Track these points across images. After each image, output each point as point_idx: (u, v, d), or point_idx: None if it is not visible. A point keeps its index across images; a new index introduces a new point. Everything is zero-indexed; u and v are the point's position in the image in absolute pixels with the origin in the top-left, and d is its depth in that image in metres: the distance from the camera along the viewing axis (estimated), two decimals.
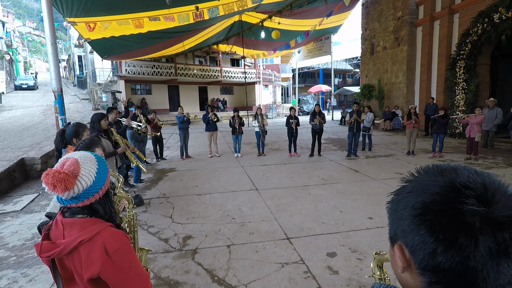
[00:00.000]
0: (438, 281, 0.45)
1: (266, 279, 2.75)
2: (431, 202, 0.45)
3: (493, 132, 9.02)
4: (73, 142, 2.50)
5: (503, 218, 0.41)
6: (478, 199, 0.42)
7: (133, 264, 1.04)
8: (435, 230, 0.43)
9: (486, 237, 0.40)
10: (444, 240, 0.42)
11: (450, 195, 0.44)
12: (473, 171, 0.47)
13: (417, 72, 13.82)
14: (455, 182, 0.45)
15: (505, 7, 9.16)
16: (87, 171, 1.03)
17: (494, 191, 0.43)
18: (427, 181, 0.48)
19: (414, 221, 0.46)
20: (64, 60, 46.33)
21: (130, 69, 19.01)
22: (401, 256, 0.49)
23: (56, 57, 5.34)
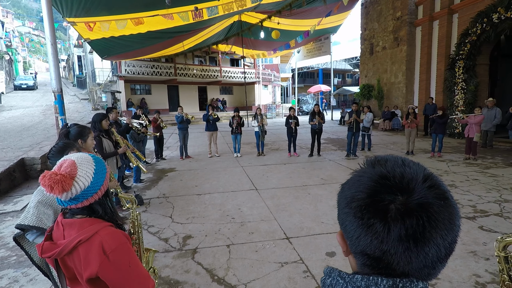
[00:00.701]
0: (365, 263, 0.49)
1: (266, 279, 2.77)
2: (356, 192, 0.49)
3: (492, 132, 9.04)
4: (77, 144, 2.44)
5: (414, 206, 0.44)
6: (395, 188, 0.45)
7: (132, 264, 1.03)
8: (357, 217, 0.48)
9: (396, 223, 0.44)
10: (363, 226, 0.46)
11: (372, 185, 0.47)
12: (399, 163, 0.49)
13: (416, 72, 13.84)
14: (378, 174, 0.48)
15: (504, 7, 9.18)
16: (84, 172, 1.03)
17: (409, 181, 0.46)
18: (361, 173, 0.51)
19: (345, 210, 0.51)
20: (64, 60, 46.28)
21: (129, 69, 19.01)
22: (342, 242, 0.54)
23: (56, 57, 5.34)
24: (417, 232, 0.43)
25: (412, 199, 0.44)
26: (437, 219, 0.44)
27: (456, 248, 1.96)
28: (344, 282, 0.50)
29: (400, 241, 0.44)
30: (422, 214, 0.44)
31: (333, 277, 0.53)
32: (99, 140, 3.54)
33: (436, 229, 0.44)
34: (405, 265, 0.45)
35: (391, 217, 0.44)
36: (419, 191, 0.45)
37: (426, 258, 0.45)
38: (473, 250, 3.18)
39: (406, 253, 0.44)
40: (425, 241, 0.44)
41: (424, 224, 0.43)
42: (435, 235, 0.44)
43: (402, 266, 0.45)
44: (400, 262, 0.45)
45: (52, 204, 1.65)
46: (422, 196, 0.45)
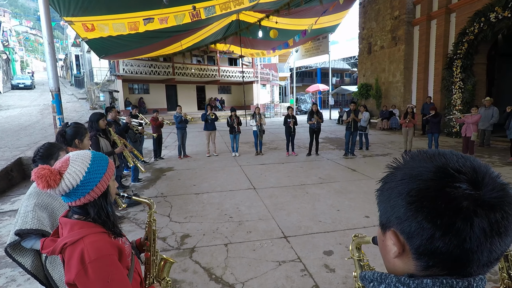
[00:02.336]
0: (435, 264, 0.46)
1: (263, 277, 2.78)
2: (426, 188, 0.45)
3: (489, 131, 9.08)
4: (74, 144, 2.43)
5: (494, 200, 0.43)
6: (470, 183, 0.44)
7: (112, 280, 0.96)
8: (433, 216, 0.44)
9: (480, 219, 0.42)
10: (442, 225, 0.43)
11: (444, 180, 0.44)
12: (460, 156, 0.48)
13: (414, 71, 13.87)
14: (447, 167, 0.45)
15: (502, 7, 9.21)
16: (73, 170, 1.00)
17: (483, 174, 0.45)
18: (418, 167, 0.48)
19: (410, 208, 0.46)
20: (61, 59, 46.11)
21: (127, 68, 18.96)
22: (397, 242, 0.50)
23: (53, 57, 5.33)
24: (502, 226, 0.43)
25: (490, 193, 0.43)
26: None
27: None
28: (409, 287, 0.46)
29: (485, 236, 0.43)
30: (504, 207, 0.43)
31: (389, 284, 0.49)
32: (96, 140, 3.54)
33: None
34: (486, 259, 0.44)
35: (474, 213, 0.42)
36: (492, 185, 0.44)
37: (501, 251, 0.44)
38: None
39: (490, 248, 0.43)
40: (507, 234, 0.44)
41: (508, 217, 0.43)
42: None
43: (481, 261, 0.44)
44: (482, 257, 0.44)
45: (47, 207, 1.64)
46: (498, 190, 0.44)
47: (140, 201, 1.37)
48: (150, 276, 1.33)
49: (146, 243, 1.34)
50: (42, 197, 1.64)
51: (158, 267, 1.38)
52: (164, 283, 1.37)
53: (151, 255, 1.33)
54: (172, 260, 1.44)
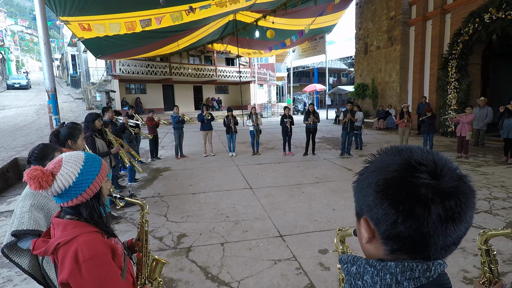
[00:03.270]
0: (399, 248, 0.51)
1: (259, 276, 2.81)
2: (391, 178, 0.50)
3: (483, 131, 9.17)
4: (67, 144, 2.45)
5: (450, 189, 0.47)
6: (430, 174, 0.48)
7: (106, 278, 0.97)
8: (396, 203, 0.49)
9: (436, 205, 0.47)
10: (403, 211, 0.48)
11: (407, 171, 0.49)
12: (425, 150, 0.53)
13: (410, 71, 13.97)
14: (411, 160, 0.50)
15: (495, 8, 9.30)
16: (66, 171, 1.00)
17: (442, 166, 0.49)
18: (387, 160, 0.53)
19: (377, 196, 0.51)
20: (57, 59, 45.86)
21: (124, 68, 18.91)
22: (367, 228, 0.54)
23: (49, 57, 5.32)
24: (455, 213, 0.47)
25: (447, 183, 0.48)
26: (469, 200, 0.49)
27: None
28: (375, 269, 0.51)
29: (440, 222, 0.47)
30: (459, 196, 0.48)
31: (359, 265, 0.53)
32: (92, 140, 3.54)
33: (468, 209, 0.49)
34: (441, 243, 0.48)
35: (432, 200, 0.47)
36: (450, 176, 0.49)
37: (457, 236, 0.49)
38: (462, 246, 3.24)
39: (445, 232, 0.48)
40: (461, 221, 0.48)
41: (461, 205, 0.47)
42: (467, 215, 0.49)
43: (438, 245, 0.49)
44: (438, 241, 0.48)
45: (43, 208, 1.64)
46: (455, 180, 0.48)
47: (132, 202, 1.37)
48: (142, 276, 1.33)
49: (138, 244, 1.34)
50: (38, 198, 1.65)
51: (150, 268, 1.39)
52: (155, 283, 1.38)
53: (143, 256, 1.34)
54: (164, 261, 1.44)
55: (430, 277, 0.48)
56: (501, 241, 3.31)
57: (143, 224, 1.35)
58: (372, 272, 0.51)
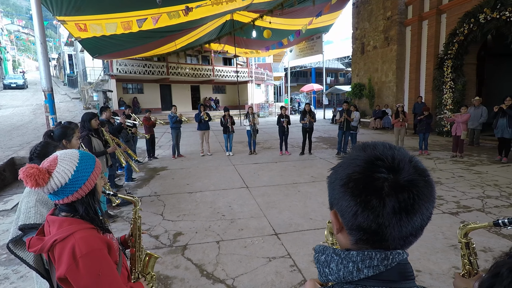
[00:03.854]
0: (361, 238, 0.55)
1: (254, 273, 2.85)
2: (353, 173, 0.54)
3: (478, 130, 9.25)
4: (62, 144, 2.45)
5: (405, 183, 0.51)
6: (387, 168, 0.52)
7: (103, 273, 0.99)
8: (355, 195, 0.53)
9: (391, 198, 0.50)
10: (361, 203, 0.52)
11: (367, 166, 0.53)
12: (387, 146, 0.56)
13: (406, 71, 14.05)
14: (372, 156, 0.54)
15: (490, 8, 9.39)
16: (62, 169, 1.02)
17: (399, 161, 0.52)
18: (353, 156, 0.57)
19: (341, 189, 0.55)
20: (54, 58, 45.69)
21: (121, 68, 18.89)
22: (335, 220, 0.58)
23: (46, 56, 5.33)
24: (408, 205, 0.50)
25: (402, 176, 0.51)
26: (423, 193, 0.51)
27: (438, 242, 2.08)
28: (339, 258, 0.55)
29: (394, 214, 0.50)
30: (412, 189, 0.50)
31: (327, 254, 0.57)
32: (88, 140, 3.56)
33: (422, 201, 0.51)
34: (397, 234, 0.52)
35: (386, 193, 0.50)
36: (406, 170, 0.51)
37: (413, 227, 0.52)
38: (454, 244, 3.29)
39: (399, 223, 0.51)
40: (414, 212, 0.51)
41: (414, 198, 0.50)
42: (421, 207, 0.51)
43: (394, 235, 0.52)
44: (393, 232, 0.51)
45: (48, 203, 1.66)
46: (411, 174, 0.51)
47: (125, 198, 1.40)
48: (136, 271, 1.36)
49: (132, 240, 1.37)
50: (42, 194, 1.67)
51: (143, 263, 1.42)
52: (149, 277, 1.41)
53: (136, 251, 1.37)
54: (157, 256, 1.47)
55: (388, 265, 0.51)
56: (492, 239, 3.36)
57: (136, 220, 1.38)
58: (337, 260, 0.54)
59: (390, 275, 0.52)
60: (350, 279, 0.53)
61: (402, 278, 0.52)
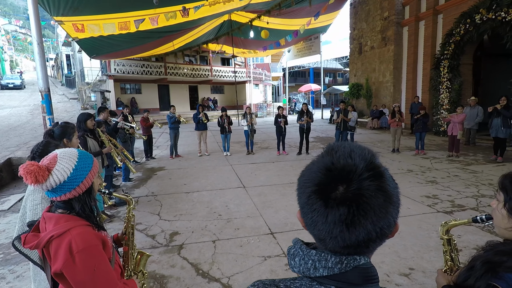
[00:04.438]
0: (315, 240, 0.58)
1: (249, 272, 2.87)
2: (306, 180, 0.56)
3: (474, 130, 9.31)
4: (63, 143, 2.48)
5: (348, 196, 0.50)
6: (335, 179, 0.52)
7: (98, 268, 1.02)
8: (303, 201, 0.56)
9: (332, 210, 0.51)
10: (308, 209, 0.55)
11: (318, 176, 0.54)
12: (346, 154, 0.55)
13: (403, 71, 14.11)
14: (324, 165, 0.55)
15: (486, 8, 9.45)
16: (61, 166, 1.05)
17: (349, 172, 0.52)
18: (315, 161, 0.58)
19: (298, 192, 0.58)
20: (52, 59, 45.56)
21: (119, 68, 18.86)
22: (300, 219, 0.60)
23: (42, 57, 5.32)
24: (348, 219, 0.50)
25: (349, 189, 0.50)
26: (366, 209, 0.50)
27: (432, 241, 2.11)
28: (302, 254, 0.57)
29: (335, 225, 0.51)
30: (352, 204, 0.50)
31: (296, 248, 0.59)
32: (83, 140, 3.58)
33: (365, 217, 0.50)
34: (341, 244, 0.53)
35: (329, 204, 0.51)
36: (355, 183, 0.50)
37: (358, 239, 0.52)
38: None
39: (341, 234, 0.52)
40: (355, 226, 0.50)
41: (353, 212, 0.50)
42: (364, 222, 0.50)
43: (339, 245, 0.53)
44: (337, 242, 0.53)
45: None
46: (356, 188, 0.50)
47: (119, 197, 1.44)
48: (128, 268, 1.39)
49: (125, 238, 1.40)
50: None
51: (135, 261, 1.44)
52: (140, 275, 1.43)
53: (129, 249, 1.39)
54: (148, 254, 1.50)
55: (342, 269, 0.52)
56: (485, 237, 3.40)
57: (130, 219, 1.41)
58: (300, 256, 0.57)
59: (350, 277, 0.53)
60: (308, 275, 0.55)
61: (364, 281, 0.53)
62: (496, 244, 0.88)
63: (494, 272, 0.78)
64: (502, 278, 0.76)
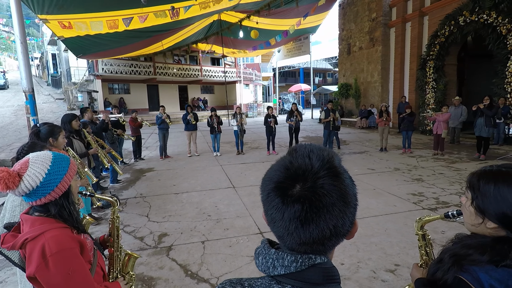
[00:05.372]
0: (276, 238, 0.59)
1: (238, 271, 2.88)
2: (266, 179, 0.58)
3: (458, 129, 9.55)
4: (49, 142, 2.46)
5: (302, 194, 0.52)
6: (291, 177, 0.54)
7: (73, 272, 0.99)
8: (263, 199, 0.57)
9: (287, 207, 0.53)
10: (267, 207, 0.56)
11: (277, 175, 0.56)
12: (305, 154, 0.56)
13: (391, 71, 14.36)
14: (283, 164, 0.57)
15: (469, 11, 9.71)
16: (33, 171, 1.02)
17: (304, 171, 0.54)
18: (280, 159, 0.60)
19: (260, 191, 0.60)
20: (37, 58, 44.44)
21: (107, 68, 18.56)
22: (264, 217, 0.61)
23: (26, 56, 5.21)
24: (301, 216, 0.52)
25: (304, 188, 0.52)
26: (319, 206, 0.51)
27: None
28: (265, 253, 0.58)
29: (290, 222, 0.53)
30: (305, 201, 0.51)
31: (261, 248, 0.61)
32: (69, 141, 3.51)
33: (318, 214, 0.52)
34: (297, 241, 0.54)
35: (285, 202, 0.53)
36: (310, 181, 0.52)
37: (312, 237, 0.53)
38: (432, 238, 3.40)
39: (296, 231, 0.53)
40: (308, 223, 0.52)
41: (306, 210, 0.51)
42: (317, 219, 0.52)
43: (295, 242, 0.55)
44: (293, 238, 0.54)
45: None
46: (310, 186, 0.52)
47: (102, 198, 1.42)
48: (114, 270, 1.38)
49: (110, 239, 1.39)
50: None
51: (122, 262, 1.43)
52: (128, 277, 1.42)
53: (114, 251, 1.38)
54: (136, 255, 1.49)
55: (298, 267, 0.54)
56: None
57: (115, 220, 1.40)
58: (263, 255, 0.58)
59: (308, 276, 0.54)
60: (268, 273, 0.56)
61: (325, 281, 0.54)
62: (463, 237, 0.92)
63: (460, 265, 0.81)
64: (468, 271, 0.79)
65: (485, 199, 0.81)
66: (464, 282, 0.78)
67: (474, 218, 0.86)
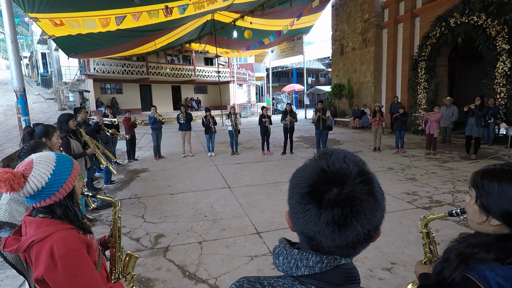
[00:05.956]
0: (303, 239, 0.59)
1: (236, 272, 2.88)
2: (300, 181, 0.57)
3: (450, 129, 9.72)
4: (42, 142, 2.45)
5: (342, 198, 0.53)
6: (329, 181, 0.54)
7: (82, 273, 0.99)
8: (298, 202, 0.56)
9: (326, 210, 0.53)
10: (302, 209, 0.56)
11: (313, 177, 0.56)
12: (340, 158, 0.57)
13: (383, 72, 14.51)
14: (320, 167, 0.57)
15: (459, 13, 9.89)
16: (38, 172, 1.01)
17: (343, 176, 0.54)
18: (309, 163, 0.60)
19: (291, 194, 0.60)
20: (26, 57, 43.58)
21: (99, 67, 18.33)
22: (288, 220, 0.62)
23: (17, 55, 5.11)
24: (340, 220, 0.52)
25: (343, 192, 0.52)
26: (358, 211, 0.52)
27: (412, 236, 2.20)
28: (286, 253, 0.59)
29: (327, 225, 0.53)
30: (346, 206, 0.52)
31: (280, 248, 0.61)
32: (66, 141, 3.47)
33: (357, 218, 0.52)
34: (330, 244, 0.55)
35: (323, 205, 0.52)
36: (349, 186, 0.53)
37: (347, 240, 0.54)
38: None
39: (332, 234, 0.54)
40: (346, 227, 0.52)
41: (346, 214, 0.52)
42: (355, 223, 0.52)
43: (328, 245, 0.55)
44: (327, 241, 0.55)
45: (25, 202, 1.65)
46: (350, 190, 0.52)
47: (104, 199, 1.41)
48: (116, 271, 1.37)
49: (111, 240, 1.37)
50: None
51: (124, 263, 1.42)
52: (129, 277, 1.42)
53: (116, 252, 1.37)
54: (137, 256, 1.49)
55: (323, 268, 0.55)
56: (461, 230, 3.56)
57: (116, 221, 1.38)
58: (284, 255, 0.59)
59: (330, 277, 0.55)
60: (290, 274, 0.57)
61: (345, 281, 0.55)
62: (467, 236, 0.94)
63: (467, 264, 0.83)
64: (474, 270, 0.81)
65: (489, 197, 0.83)
66: (471, 281, 0.80)
67: (478, 216, 0.88)
